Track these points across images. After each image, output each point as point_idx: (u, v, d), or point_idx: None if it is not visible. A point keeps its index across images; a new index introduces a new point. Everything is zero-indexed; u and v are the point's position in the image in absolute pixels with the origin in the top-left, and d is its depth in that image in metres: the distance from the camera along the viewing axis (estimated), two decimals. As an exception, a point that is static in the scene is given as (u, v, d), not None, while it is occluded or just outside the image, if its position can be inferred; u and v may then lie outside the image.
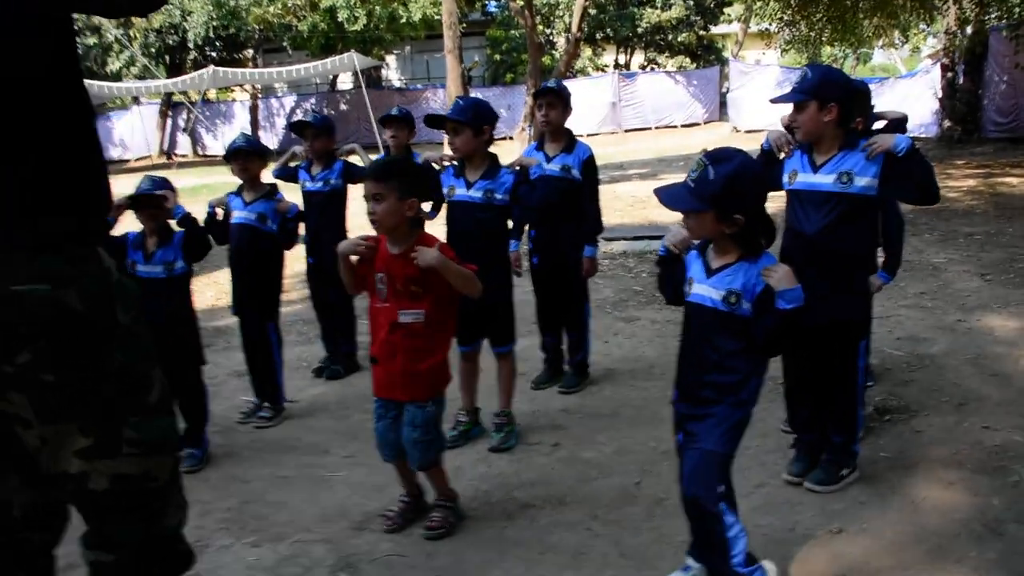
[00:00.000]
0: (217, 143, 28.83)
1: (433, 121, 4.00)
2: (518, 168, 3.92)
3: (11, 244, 1.60)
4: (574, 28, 13.47)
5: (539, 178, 4.33)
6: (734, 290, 2.46)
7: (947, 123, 16.80)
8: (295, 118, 29.01)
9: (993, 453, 3.57)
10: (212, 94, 32.11)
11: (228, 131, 29.03)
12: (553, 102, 4.40)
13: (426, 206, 4.25)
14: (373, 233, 3.09)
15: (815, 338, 3.23)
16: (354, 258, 3.07)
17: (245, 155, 4.39)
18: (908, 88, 19.07)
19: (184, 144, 30.43)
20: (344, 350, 5.24)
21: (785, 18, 14.86)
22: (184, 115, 29.03)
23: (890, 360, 4.80)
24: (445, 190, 3.88)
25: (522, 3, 13.09)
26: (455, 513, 3.24)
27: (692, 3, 27.46)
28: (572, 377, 4.70)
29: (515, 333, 4.06)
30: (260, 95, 31.00)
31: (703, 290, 2.53)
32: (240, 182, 4.49)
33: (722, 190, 2.38)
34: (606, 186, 11.88)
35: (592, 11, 26.74)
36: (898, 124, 4.23)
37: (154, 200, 3.79)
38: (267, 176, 4.62)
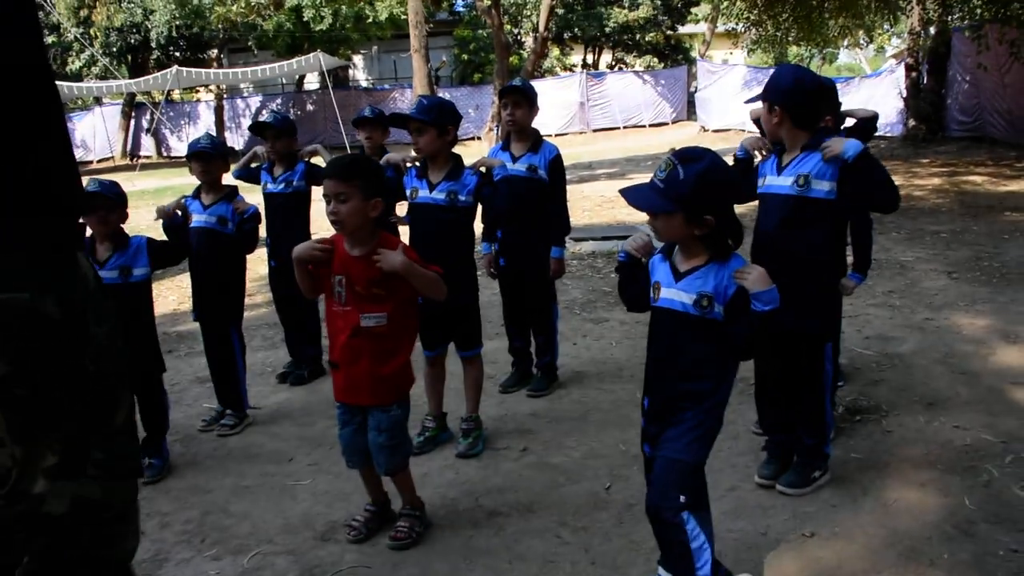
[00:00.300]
0: (182, 144, 28.41)
1: (397, 120, 3.91)
2: (482, 170, 3.84)
3: None
4: (541, 27, 13.43)
5: (505, 179, 4.27)
6: (705, 293, 2.40)
7: (912, 122, 17.01)
8: (261, 118, 28.92)
9: (963, 453, 3.56)
10: (176, 94, 31.70)
11: (193, 132, 28.68)
12: (519, 101, 4.34)
13: (402, 210, 4.17)
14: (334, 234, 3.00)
15: (781, 341, 3.20)
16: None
17: (207, 157, 4.27)
18: (873, 88, 19.26)
19: (148, 145, 30.02)
20: (309, 354, 5.14)
21: (752, 18, 14.94)
22: (147, 116, 28.61)
23: (860, 360, 4.80)
24: (408, 192, 3.79)
25: (489, 3, 13.01)
26: (421, 522, 3.16)
27: (659, 3, 27.56)
28: (540, 380, 4.64)
29: (481, 337, 3.99)
30: (225, 95, 30.66)
31: (672, 294, 2.46)
32: (198, 184, 4.37)
33: (692, 191, 2.31)
34: (574, 186, 11.85)
35: (560, 11, 26.81)
36: (867, 122, 4.21)
37: (102, 202, 3.67)
38: (228, 179, 4.50)
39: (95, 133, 30.22)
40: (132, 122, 29.38)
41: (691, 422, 2.44)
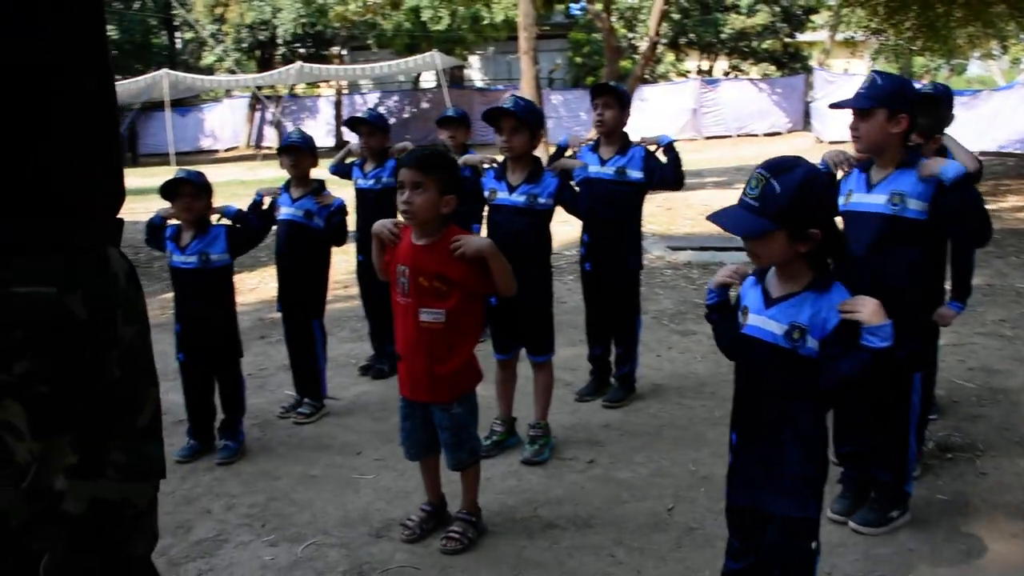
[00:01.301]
0: (301, 137, 29.39)
1: (492, 115, 3.76)
2: (560, 172, 3.79)
3: (14, 242, 1.51)
4: (652, 32, 13.23)
5: (592, 181, 4.19)
6: (798, 324, 2.14)
7: (1044, 140, 16.01)
8: (357, 114, 29.60)
9: (1065, 502, 3.29)
10: (299, 89, 32.78)
11: (312, 125, 29.62)
12: (609, 102, 4.25)
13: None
14: None
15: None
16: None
17: (297, 151, 4.37)
18: (1003, 101, 18.13)
19: (271, 136, 31.16)
20: (390, 350, 5.18)
21: (872, 26, 14.32)
22: (272, 109, 29.70)
23: (959, 392, 4.51)
24: (486, 193, 3.77)
25: (600, 6, 12.91)
26: (475, 527, 3.13)
27: (778, 10, 26.77)
28: (617, 391, 4.55)
29: (553, 343, 3.93)
30: (345, 91, 31.51)
31: (761, 322, 2.21)
32: (288, 178, 4.48)
33: (792, 203, 2.07)
34: (678, 193, 11.63)
35: (675, 16, 26.41)
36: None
37: (187, 189, 3.79)
38: (317, 173, 4.57)
39: (223, 124, 31.60)
40: (257, 114, 30.51)
41: (794, 470, 2.21)
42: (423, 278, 2.91)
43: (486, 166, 3.82)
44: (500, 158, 3.85)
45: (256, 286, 7.72)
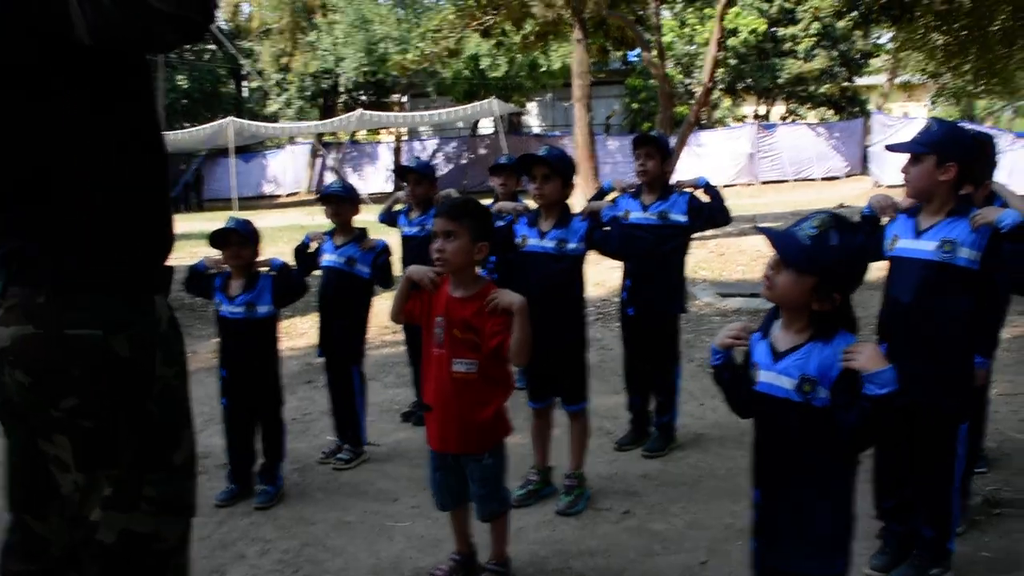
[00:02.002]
0: (362, 182, 30.00)
1: (526, 163, 3.85)
2: (588, 214, 3.82)
3: (65, 285, 1.62)
4: (705, 78, 13.26)
5: (634, 226, 4.26)
6: (808, 376, 2.13)
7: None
8: (435, 160, 29.79)
9: (1120, 563, 3.15)
10: (360, 135, 33.53)
11: (372, 171, 30.24)
12: (651, 152, 4.29)
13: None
14: None
15: (907, 418, 2.97)
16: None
17: (338, 200, 4.48)
18: (1068, 145, 17.71)
19: (331, 182, 31.83)
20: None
21: (929, 70, 14.14)
22: (332, 155, 30.38)
23: (1011, 444, 4.36)
24: (518, 240, 3.81)
25: (655, 53, 13.01)
26: (504, 578, 3.12)
27: (836, 54, 26.59)
28: (657, 440, 4.50)
29: (587, 391, 3.92)
30: (405, 138, 32.13)
31: (772, 378, 2.20)
32: (333, 226, 4.58)
33: (840, 263, 2.10)
34: (732, 239, 11.57)
35: (732, 61, 26.40)
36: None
37: (235, 239, 3.90)
38: (358, 222, 4.67)
39: (285, 169, 32.41)
40: (318, 160, 31.23)
41: (819, 528, 2.17)
42: (457, 329, 2.95)
43: (521, 212, 3.87)
44: (534, 205, 3.89)
45: (307, 331, 7.85)
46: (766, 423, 2.28)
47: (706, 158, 25.10)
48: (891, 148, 3.17)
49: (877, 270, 3.17)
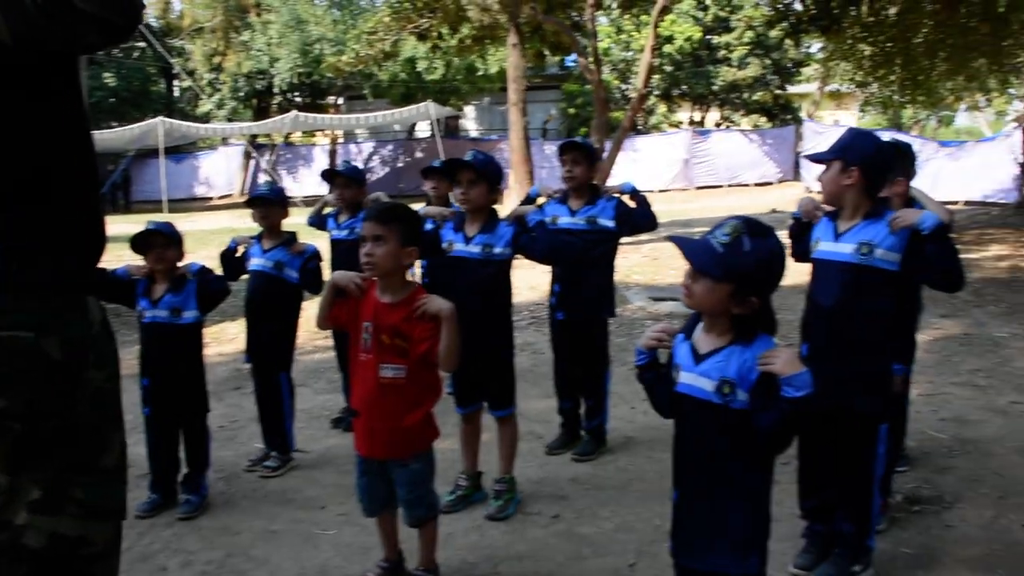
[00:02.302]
0: (297, 185, 29.60)
1: (451, 167, 3.84)
2: (514, 219, 3.82)
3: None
4: (639, 84, 13.42)
5: (563, 231, 4.28)
6: (728, 378, 2.15)
7: (1027, 189, 16.17)
8: (371, 164, 29.55)
9: (1031, 556, 3.26)
10: (295, 137, 33.10)
11: (307, 174, 29.86)
12: (578, 158, 4.31)
13: None
14: None
15: (829, 419, 3.04)
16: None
17: (266, 203, 4.39)
18: (988, 152, 18.40)
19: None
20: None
21: (857, 79, 14.54)
22: (266, 157, 29.92)
23: (930, 443, 4.49)
24: (444, 244, 3.79)
25: (590, 59, 13.11)
26: (432, 585, 3.09)
27: (769, 62, 27.21)
28: (587, 444, 4.52)
29: (515, 396, 3.91)
30: (340, 140, 31.80)
31: (692, 379, 2.23)
32: (261, 230, 4.49)
33: (754, 268, 2.12)
34: (665, 244, 11.67)
35: (668, 68, 26.80)
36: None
37: (157, 240, 3.80)
38: (288, 225, 4.59)
39: (217, 172, 31.80)
40: (252, 162, 30.73)
41: (733, 527, 2.19)
42: (385, 335, 2.91)
43: (447, 216, 3.85)
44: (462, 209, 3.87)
45: (236, 336, 7.69)
46: (686, 424, 2.30)
47: (642, 163, 25.38)
48: (808, 158, 3.28)
49: (803, 274, 3.25)
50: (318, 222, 5.28)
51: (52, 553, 1.64)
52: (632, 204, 4.37)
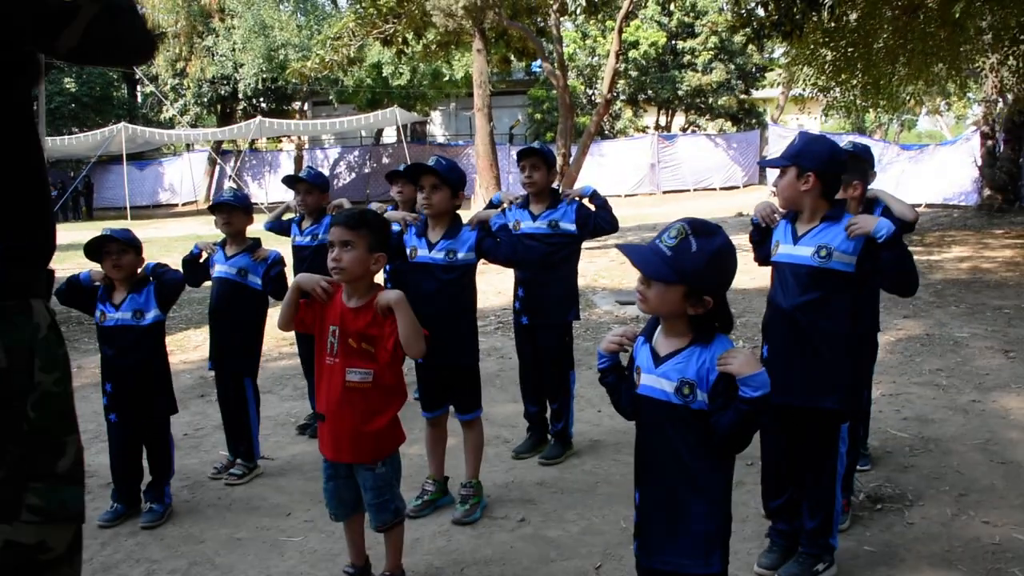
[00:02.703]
0: (261, 191, 29.40)
1: (414, 172, 3.83)
2: (477, 223, 3.83)
3: None
4: (604, 89, 13.49)
5: (525, 236, 4.30)
6: (687, 379, 2.18)
7: (987, 192, 16.48)
8: (338, 170, 29.41)
9: (990, 552, 3.31)
10: (260, 143, 32.86)
11: (273, 180, 29.67)
12: (537, 164, 4.33)
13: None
14: None
15: (791, 419, 3.08)
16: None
17: (229, 209, 4.35)
18: (948, 155, 18.79)
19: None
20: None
21: (819, 84, 14.76)
22: (232, 163, 29.68)
23: (892, 442, 4.55)
24: (407, 250, 3.78)
25: (556, 65, 13.16)
26: (398, 590, 3.08)
27: (733, 67, 27.51)
28: (553, 447, 4.52)
29: (480, 400, 3.91)
30: (306, 146, 31.63)
31: (652, 381, 2.25)
32: (224, 236, 4.45)
33: (703, 267, 2.13)
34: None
35: (633, 73, 26.98)
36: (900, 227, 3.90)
37: (113, 247, 3.76)
38: (252, 232, 4.55)
39: (182, 178, 31.51)
40: (217, 168, 30.48)
41: (695, 526, 2.22)
42: (352, 340, 2.90)
43: (410, 221, 3.84)
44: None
45: (201, 343, 7.61)
46: (647, 425, 2.32)
47: (608, 168, 25.55)
48: (764, 164, 3.31)
49: (765, 276, 3.28)
50: (277, 227, 5.23)
51: (10, 561, 1.61)
52: (592, 207, 4.39)
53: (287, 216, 5.23)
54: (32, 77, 1.69)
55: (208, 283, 4.49)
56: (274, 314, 4.59)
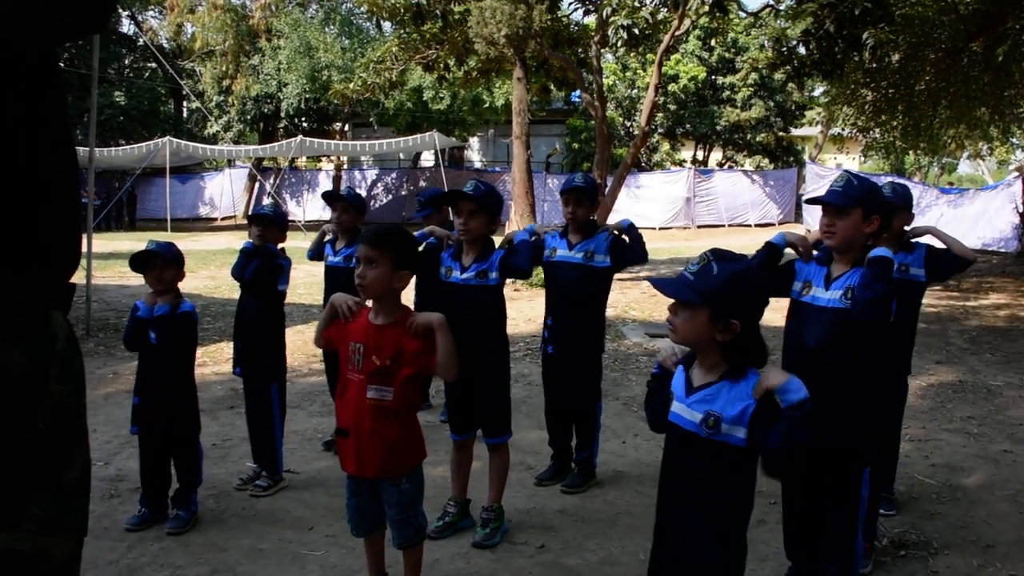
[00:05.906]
0: (299, 209, 29.78)
1: (453, 197, 3.90)
2: (505, 242, 3.89)
3: None
4: (643, 122, 13.54)
5: (560, 264, 4.37)
6: (713, 412, 2.21)
7: (1027, 239, 16.27)
8: (375, 191, 29.60)
9: (1014, 605, 3.27)
10: (301, 162, 33.32)
11: (311, 198, 30.05)
12: (580, 200, 4.36)
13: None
14: None
15: (812, 462, 3.06)
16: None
17: (267, 221, 4.45)
18: (988, 201, 18.58)
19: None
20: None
21: (860, 124, 14.69)
22: (271, 180, 30.10)
23: (919, 488, 4.50)
24: (443, 269, 3.83)
25: (595, 96, 13.24)
26: (416, 609, 3.09)
27: (772, 104, 27.47)
28: (577, 476, 4.53)
29: (509, 425, 3.94)
30: (345, 166, 32.01)
31: (682, 409, 2.30)
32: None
33: (722, 288, 2.18)
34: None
35: (672, 107, 27.03)
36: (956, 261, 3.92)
37: (156, 261, 3.85)
38: (288, 249, 4.64)
39: (222, 193, 31.99)
40: (256, 185, 30.93)
41: (707, 554, 2.23)
42: (376, 357, 2.93)
43: (450, 241, 3.89)
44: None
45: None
46: (672, 451, 2.37)
47: (644, 200, 25.57)
48: (812, 201, 3.26)
49: (779, 313, 3.25)
50: (317, 253, 5.27)
51: (9, 570, 1.61)
52: (627, 239, 4.43)
53: (325, 239, 5.30)
54: (58, 88, 1.68)
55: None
56: (305, 330, 4.70)
